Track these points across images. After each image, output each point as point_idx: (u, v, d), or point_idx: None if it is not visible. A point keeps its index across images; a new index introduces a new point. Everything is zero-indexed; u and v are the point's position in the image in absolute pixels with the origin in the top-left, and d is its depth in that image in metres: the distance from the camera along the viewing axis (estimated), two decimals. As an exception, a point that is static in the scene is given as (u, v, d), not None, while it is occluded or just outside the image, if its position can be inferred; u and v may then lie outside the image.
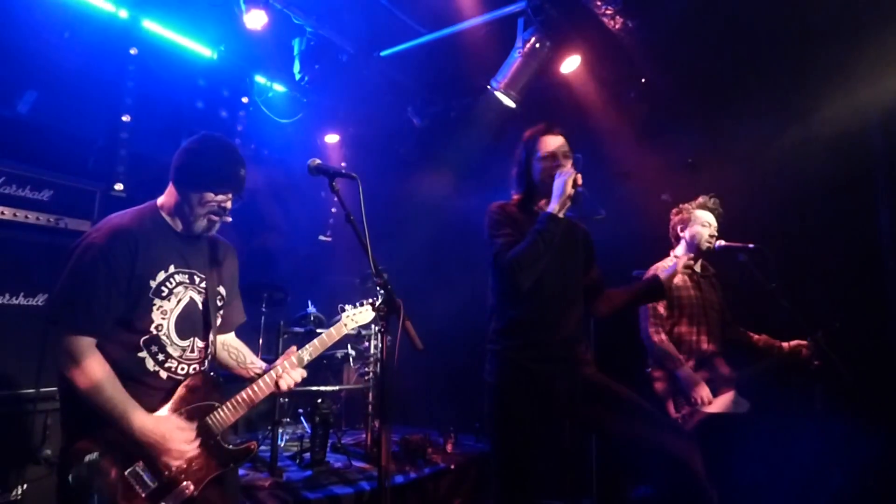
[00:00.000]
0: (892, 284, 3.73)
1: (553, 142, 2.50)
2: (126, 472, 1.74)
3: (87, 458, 1.72)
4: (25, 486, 2.78)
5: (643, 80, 4.61)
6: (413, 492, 3.85)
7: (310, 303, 4.57)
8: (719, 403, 3.06)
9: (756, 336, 3.33)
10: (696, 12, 3.85)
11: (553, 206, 2.29)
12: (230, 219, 2.06)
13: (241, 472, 3.73)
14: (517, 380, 2.30)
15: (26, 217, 3.05)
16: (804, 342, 3.09)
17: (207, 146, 2.03)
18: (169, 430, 1.79)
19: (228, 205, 2.02)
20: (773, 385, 3.20)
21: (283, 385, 2.06)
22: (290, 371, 2.09)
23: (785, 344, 3.17)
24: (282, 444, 4.37)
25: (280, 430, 4.20)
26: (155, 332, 1.89)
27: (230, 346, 2.21)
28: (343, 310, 2.33)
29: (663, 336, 3.21)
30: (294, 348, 2.15)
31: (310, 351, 2.16)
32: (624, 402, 2.29)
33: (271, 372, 2.08)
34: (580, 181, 2.30)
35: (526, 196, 2.54)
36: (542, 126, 2.55)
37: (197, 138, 2.06)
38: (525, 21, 4.02)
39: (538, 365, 2.29)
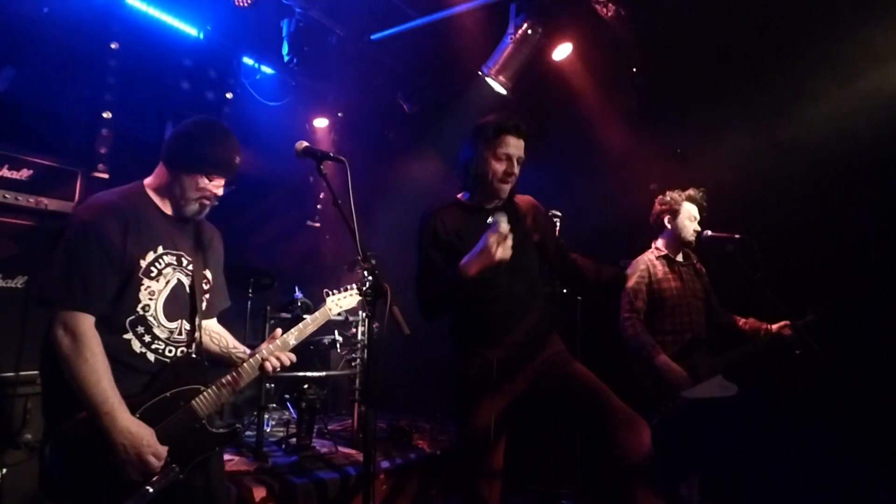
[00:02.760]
0: (871, 278, 3.79)
1: (514, 143, 2.34)
2: (110, 457, 1.71)
3: (70, 441, 1.69)
4: (5, 470, 2.74)
5: (634, 70, 4.60)
6: (399, 477, 3.87)
7: (297, 288, 4.54)
8: (705, 389, 3.09)
9: (742, 320, 3.38)
10: (688, 3, 3.84)
11: (471, 269, 2.10)
12: (217, 202, 2.04)
13: (226, 457, 3.72)
14: (477, 369, 2.26)
15: (4, 197, 2.97)
16: (787, 323, 3.15)
17: (205, 130, 1.99)
18: (148, 438, 1.74)
19: (220, 191, 2.00)
20: (754, 372, 3.25)
21: (269, 368, 2.04)
22: (275, 354, 2.07)
23: (771, 326, 3.22)
24: (268, 430, 4.37)
25: (266, 416, 4.19)
26: (141, 312, 1.86)
27: (213, 331, 2.18)
28: (328, 294, 2.32)
29: (639, 328, 3.23)
30: (279, 331, 2.13)
31: (295, 335, 2.15)
32: (577, 380, 2.25)
33: (256, 355, 2.06)
34: (508, 257, 2.08)
35: (469, 187, 2.47)
36: (509, 122, 2.35)
37: (193, 121, 2.02)
38: (517, 7, 3.99)
39: (499, 355, 2.25)
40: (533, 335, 2.33)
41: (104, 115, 3.82)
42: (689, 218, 3.34)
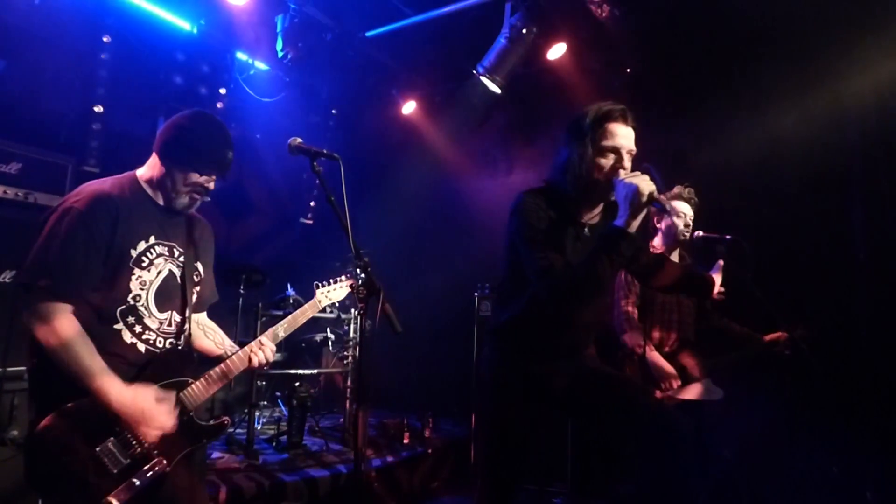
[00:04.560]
0: (864, 278, 3.82)
1: (622, 133, 2.00)
2: (97, 449, 1.70)
3: (55, 434, 1.67)
4: (-8, 466, 2.72)
5: (627, 70, 4.62)
6: (390, 476, 3.87)
7: (289, 285, 4.52)
8: (692, 391, 3.11)
9: (736, 326, 3.38)
10: (680, 4, 3.86)
11: (623, 219, 1.81)
12: (209, 198, 2.03)
13: (216, 454, 3.71)
14: (514, 379, 2.13)
15: (-6, 190, 2.95)
16: (781, 335, 3.15)
17: (199, 125, 1.97)
18: (148, 403, 1.75)
19: (211, 186, 1.99)
20: (745, 374, 3.27)
21: (256, 361, 2.04)
22: (263, 347, 2.07)
23: (764, 337, 3.22)
24: (258, 427, 4.35)
25: (257, 413, 4.17)
26: (132, 302, 1.84)
27: (206, 326, 2.18)
28: (318, 286, 2.31)
29: (632, 324, 3.25)
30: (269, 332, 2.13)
31: (284, 327, 2.14)
32: (615, 384, 2.15)
33: (245, 348, 2.06)
34: (657, 193, 1.81)
35: (569, 193, 2.04)
36: (613, 109, 2.03)
37: (189, 115, 2.01)
38: (512, 6, 4.00)
39: (539, 366, 2.12)
40: (577, 347, 2.19)
41: (95, 108, 3.80)
42: (677, 215, 3.35)
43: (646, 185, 1.81)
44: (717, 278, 2.61)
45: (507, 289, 2.21)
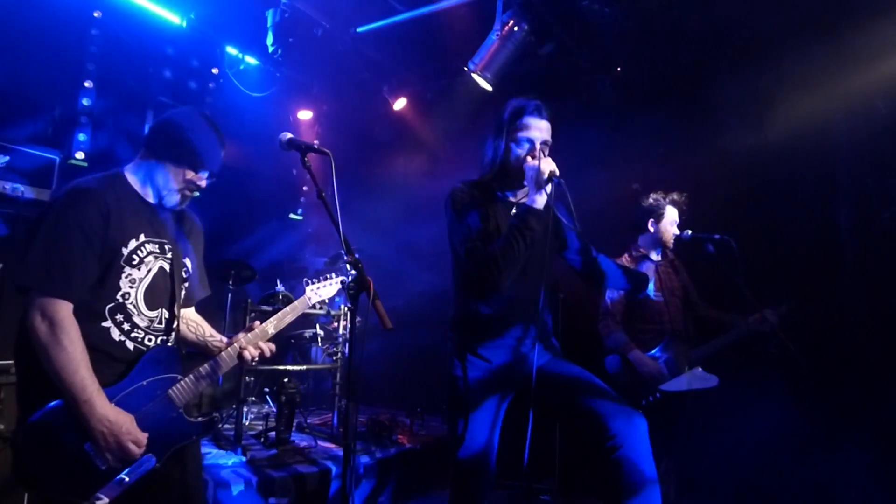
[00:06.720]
0: (850, 278, 3.88)
1: (535, 125, 2.20)
2: (86, 446, 1.70)
3: (44, 429, 1.67)
4: (-23, 461, 2.70)
5: (618, 69, 4.64)
6: (379, 472, 3.88)
7: (278, 281, 4.52)
8: (684, 381, 3.15)
9: (722, 313, 3.42)
10: (672, 3, 3.89)
11: (531, 198, 2.07)
12: (199, 194, 2.03)
13: (204, 449, 3.70)
14: (477, 372, 2.20)
15: (-21, 184, 2.92)
16: (762, 314, 3.18)
17: (195, 123, 1.97)
18: (127, 425, 1.73)
19: (204, 183, 1.99)
20: (732, 365, 3.30)
21: (247, 357, 2.03)
22: (254, 343, 2.06)
23: (749, 319, 3.26)
24: (247, 423, 4.34)
25: (245, 409, 4.17)
26: (121, 300, 1.84)
27: (189, 319, 2.17)
28: (308, 283, 2.31)
29: (614, 326, 3.29)
30: (257, 322, 2.12)
31: (274, 324, 2.13)
32: (575, 380, 2.20)
33: (234, 344, 2.05)
34: (557, 171, 2.04)
35: (496, 180, 2.27)
36: (528, 104, 2.23)
37: (184, 112, 2.00)
38: (504, 3, 4.00)
39: (499, 357, 2.19)
40: (534, 339, 2.23)
41: (83, 101, 3.77)
42: (670, 222, 3.40)
43: (546, 164, 2.05)
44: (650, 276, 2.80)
45: (454, 281, 2.33)
